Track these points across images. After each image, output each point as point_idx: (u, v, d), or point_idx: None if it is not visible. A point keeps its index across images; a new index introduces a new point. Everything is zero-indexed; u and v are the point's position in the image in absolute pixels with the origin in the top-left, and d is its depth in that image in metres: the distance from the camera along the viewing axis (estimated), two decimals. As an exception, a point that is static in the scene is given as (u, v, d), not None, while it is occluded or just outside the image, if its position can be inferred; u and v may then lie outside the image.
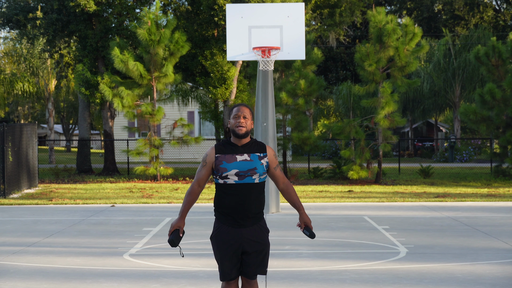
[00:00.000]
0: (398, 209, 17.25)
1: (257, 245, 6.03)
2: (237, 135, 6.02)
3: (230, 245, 6.01)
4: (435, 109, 49.23)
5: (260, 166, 6.03)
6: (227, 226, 6.02)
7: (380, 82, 25.37)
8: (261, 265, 6.09)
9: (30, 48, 42.67)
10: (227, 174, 5.98)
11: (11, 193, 21.52)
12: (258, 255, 6.06)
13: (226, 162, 5.99)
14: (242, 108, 6.08)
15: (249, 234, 6.01)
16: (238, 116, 6.04)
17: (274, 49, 16.84)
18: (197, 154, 39.13)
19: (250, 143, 6.09)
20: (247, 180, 5.99)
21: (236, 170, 5.97)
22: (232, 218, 6.01)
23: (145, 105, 26.49)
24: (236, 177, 5.98)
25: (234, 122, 6.03)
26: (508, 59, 26.79)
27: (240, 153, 6.03)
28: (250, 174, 5.99)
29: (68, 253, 11.08)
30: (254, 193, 6.01)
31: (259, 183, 6.04)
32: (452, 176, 29.11)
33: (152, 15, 26.44)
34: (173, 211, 17.02)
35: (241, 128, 6.02)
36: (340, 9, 32.66)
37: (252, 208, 6.00)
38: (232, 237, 6.00)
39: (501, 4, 57.88)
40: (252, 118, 6.11)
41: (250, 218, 6.02)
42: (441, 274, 9.29)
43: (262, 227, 6.09)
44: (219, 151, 6.05)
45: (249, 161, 6.01)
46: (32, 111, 70.88)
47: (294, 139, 27.24)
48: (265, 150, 6.10)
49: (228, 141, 6.10)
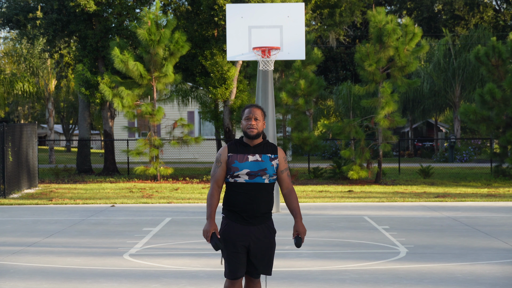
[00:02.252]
0: (398, 209, 17.25)
1: (263, 244, 6.11)
2: (249, 136, 6.11)
3: (238, 241, 6.07)
4: (435, 109, 49.23)
5: (270, 167, 6.12)
6: (235, 223, 6.10)
7: (380, 82, 25.37)
8: (266, 265, 6.16)
9: (30, 48, 42.66)
10: (238, 173, 6.07)
11: (11, 193, 21.52)
12: (264, 255, 6.13)
13: (238, 161, 6.09)
14: (254, 110, 6.14)
15: (256, 233, 6.09)
16: (249, 118, 6.12)
17: (274, 49, 16.84)
18: (197, 154, 39.13)
19: (262, 144, 6.18)
20: (257, 180, 6.08)
21: (247, 170, 6.07)
22: (241, 216, 6.09)
23: (145, 105, 26.49)
24: (246, 177, 6.07)
25: (246, 124, 6.12)
26: (508, 59, 26.79)
27: (252, 153, 6.12)
28: (261, 175, 6.08)
29: (68, 253, 11.08)
30: (263, 193, 6.09)
31: (268, 184, 6.13)
32: (452, 176, 29.11)
33: (152, 15, 26.44)
34: (173, 211, 17.02)
35: (253, 130, 6.10)
36: (340, 9, 32.66)
37: (261, 208, 6.09)
38: (240, 233, 6.07)
39: (501, 4, 57.88)
40: (264, 118, 6.19)
41: (258, 217, 6.10)
42: (441, 274, 9.29)
43: (269, 227, 6.18)
44: (231, 150, 6.14)
45: (260, 161, 6.10)
46: (32, 111, 70.89)
47: (294, 139, 27.24)
48: (276, 152, 6.19)
49: (241, 141, 6.19)
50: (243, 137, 6.22)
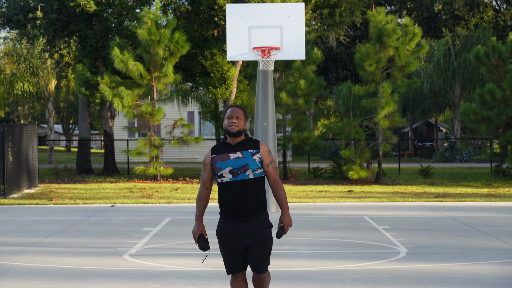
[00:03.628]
0: (398, 209, 17.25)
1: (257, 239, 6.27)
2: (230, 133, 6.32)
3: (231, 239, 6.29)
4: (435, 109, 49.23)
5: (252, 162, 6.28)
6: (228, 222, 6.32)
7: (380, 82, 25.37)
8: (262, 260, 6.31)
9: (30, 48, 42.65)
10: (222, 172, 6.27)
11: (11, 193, 21.52)
12: (259, 248, 6.28)
13: (220, 161, 6.30)
14: (235, 109, 6.38)
15: (248, 229, 6.27)
16: (231, 116, 6.34)
17: (274, 49, 16.84)
18: (197, 154, 39.13)
19: (244, 141, 6.37)
20: (241, 176, 6.26)
21: (230, 168, 6.26)
22: (231, 214, 6.29)
23: (145, 105, 26.49)
24: (230, 175, 6.26)
25: (227, 122, 6.34)
26: (508, 59, 26.79)
27: (234, 151, 6.32)
28: (243, 171, 6.25)
29: (68, 253, 11.08)
30: (249, 188, 6.27)
31: (254, 179, 6.28)
32: (452, 176, 29.11)
33: (152, 15, 26.44)
34: (173, 211, 17.03)
35: (234, 127, 6.30)
36: (340, 9, 32.66)
37: (249, 204, 6.26)
38: (232, 232, 6.29)
39: (501, 4, 57.88)
40: (246, 118, 6.41)
41: (248, 213, 6.27)
42: (441, 274, 9.29)
43: (261, 221, 6.31)
44: (214, 151, 6.38)
45: (241, 158, 6.28)
46: (32, 111, 70.89)
47: (294, 139, 27.23)
48: (258, 146, 6.36)
49: (224, 141, 6.41)
50: (226, 139, 6.42)
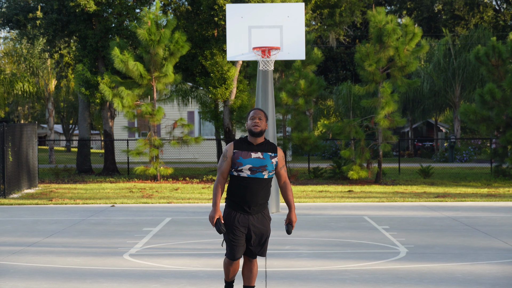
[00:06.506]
0: (398, 209, 17.25)
1: (261, 230, 7.12)
2: (253, 133, 7.04)
3: (238, 228, 7.06)
4: (435, 109, 49.23)
5: (270, 164, 7.07)
6: (237, 212, 7.08)
7: (380, 82, 25.37)
8: (262, 247, 7.20)
9: (30, 48, 42.65)
10: (242, 168, 7.01)
11: (11, 193, 21.52)
12: (260, 239, 7.14)
13: (242, 157, 7.02)
14: (258, 112, 7.12)
15: (254, 221, 7.09)
16: (254, 117, 7.08)
17: (274, 49, 16.84)
18: (197, 154, 39.13)
19: (264, 143, 7.11)
20: (258, 175, 7.02)
21: (250, 165, 7.00)
22: (241, 206, 7.06)
23: (145, 105, 26.48)
24: (249, 172, 7.01)
25: (251, 123, 7.06)
26: (508, 59, 26.79)
27: (255, 151, 7.06)
28: (261, 170, 7.03)
29: (68, 253, 11.08)
30: (262, 186, 7.05)
31: (267, 179, 7.09)
32: (452, 176, 29.11)
33: (152, 15, 26.44)
34: (173, 211, 17.03)
35: (257, 127, 7.03)
36: (340, 9, 32.66)
37: (259, 199, 7.06)
38: (240, 221, 7.07)
39: (501, 4, 57.87)
40: (267, 120, 7.14)
41: (257, 207, 7.08)
42: (441, 274, 9.29)
43: (265, 215, 7.19)
44: (237, 147, 7.07)
45: (261, 159, 7.04)
46: (32, 111, 70.88)
47: (294, 139, 27.24)
48: (276, 151, 7.15)
49: (245, 139, 7.11)
50: (247, 137, 7.09)
